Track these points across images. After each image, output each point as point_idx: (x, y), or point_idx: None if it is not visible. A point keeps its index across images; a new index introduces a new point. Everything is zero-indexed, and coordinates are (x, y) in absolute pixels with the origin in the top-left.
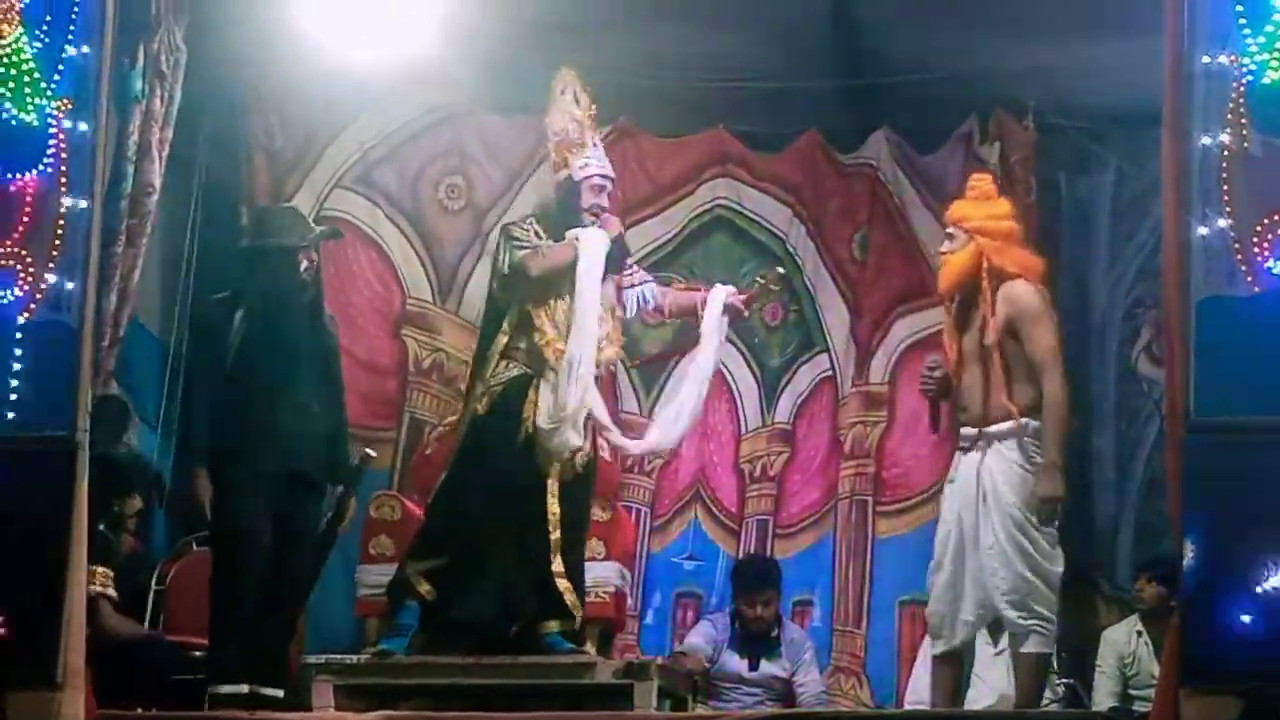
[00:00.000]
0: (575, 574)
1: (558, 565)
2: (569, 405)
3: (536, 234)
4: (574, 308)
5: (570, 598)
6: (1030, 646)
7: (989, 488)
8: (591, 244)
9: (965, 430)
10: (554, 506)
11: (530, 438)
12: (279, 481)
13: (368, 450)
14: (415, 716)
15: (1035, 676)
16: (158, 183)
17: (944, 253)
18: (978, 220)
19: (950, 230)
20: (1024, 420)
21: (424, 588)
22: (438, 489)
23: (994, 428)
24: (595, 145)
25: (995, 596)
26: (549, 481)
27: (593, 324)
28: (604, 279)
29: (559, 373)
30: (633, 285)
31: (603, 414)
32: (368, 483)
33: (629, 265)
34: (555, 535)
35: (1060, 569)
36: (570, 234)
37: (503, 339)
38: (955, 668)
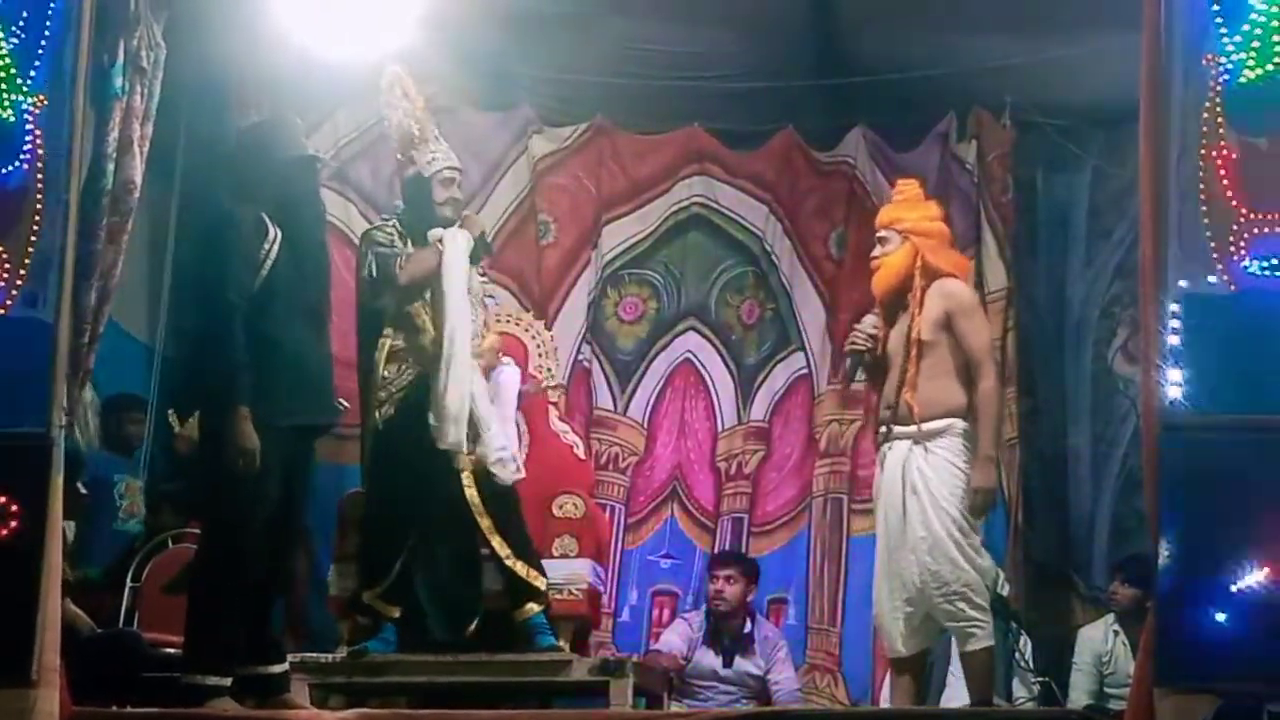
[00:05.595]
0: (526, 553)
1: (503, 549)
2: (449, 405)
3: (399, 236)
4: (444, 309)
5: (533, 578)
6: (972, 645)
7: (920, 486)
8: (454, 244)
9: (897, 429)
10: (473, 495)
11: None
12: (292, 432)
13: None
14: (391, 714)
15: (984, 673)
16: (139, 180)
17: (876, 257)
18: (911, 221)
19: (882, 234)
20: (955, 420)
21: (391, 611)
22: (365, 510)
23: (925, 425)
24: (438, 139)
25: (929, 594)
26: (463, 474)
27: (464, 322)
28: (469, 272)
29: (438, 373)
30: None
31: (487, 412)
32: (344, 481)
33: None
34: (485, 521)
35: (989, 565)
36: (433, 235)
37: (385, 342)
38: (911, 670)
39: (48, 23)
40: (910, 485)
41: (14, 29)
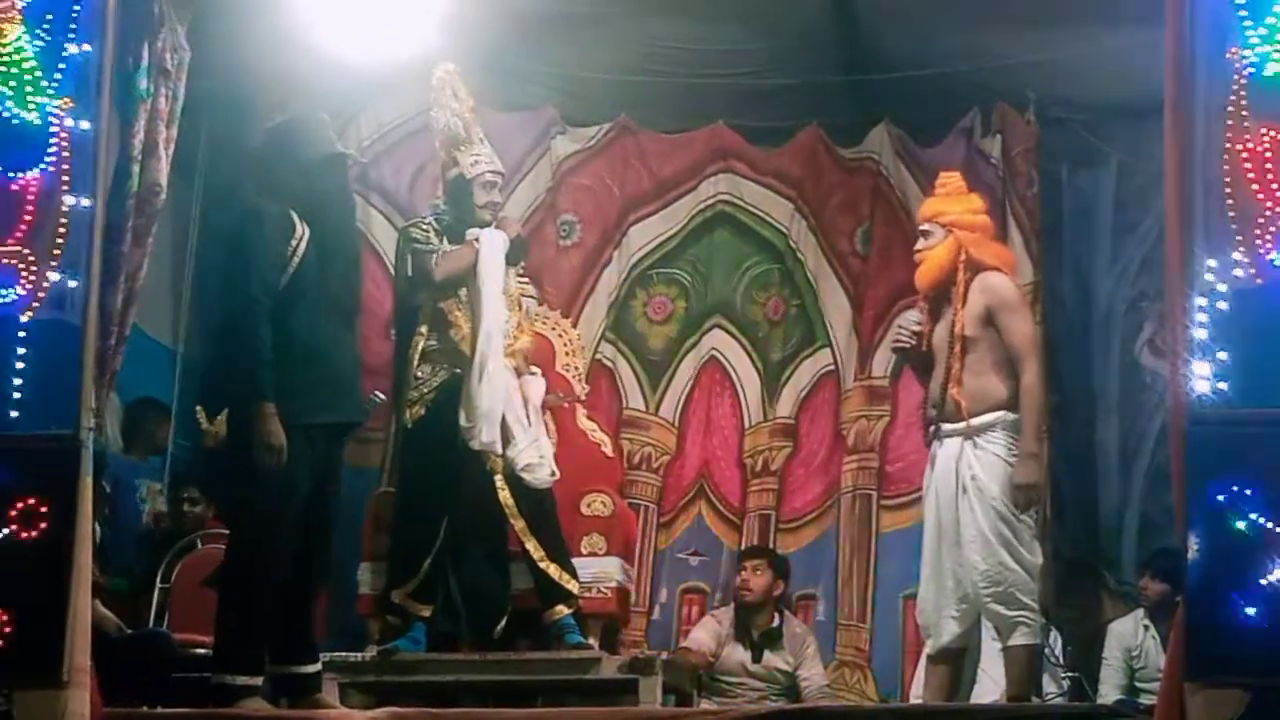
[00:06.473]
0: (560, 556)
1: (537, 551)
2: (481, 405)
3: (435, 233)
4: (478, 307)
5: (566, 580)
6: (1018, 639)
7: (969, 481)
8: (491, 244)
9: (946, 426)
10: (506, 497)
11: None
12: (320, 430)
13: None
14: (421, 713)
15: (1026, 669)
16: (164, 182)
17: (920, 250)
18: (954, 214)
19: (925, 228)
20: (1003, 413)
21: (421, 610)
22: (394, 510)
23: (974, 421)
24: (482, 141)
25: (978, 591)
26: (496, 476)
27: (498, 323)
28: (505, 273)
29: (471, 372)
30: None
31: (520, 414)
32: (363, 483)
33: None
34: (519, 524)
35: (1040, 561)
36: (470, 234)
37: (419, 341)
38: (949, 666)
39: (73, 25)
40: (962, 484)
41: (39, 32)
